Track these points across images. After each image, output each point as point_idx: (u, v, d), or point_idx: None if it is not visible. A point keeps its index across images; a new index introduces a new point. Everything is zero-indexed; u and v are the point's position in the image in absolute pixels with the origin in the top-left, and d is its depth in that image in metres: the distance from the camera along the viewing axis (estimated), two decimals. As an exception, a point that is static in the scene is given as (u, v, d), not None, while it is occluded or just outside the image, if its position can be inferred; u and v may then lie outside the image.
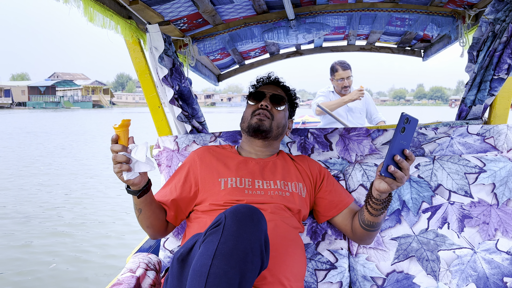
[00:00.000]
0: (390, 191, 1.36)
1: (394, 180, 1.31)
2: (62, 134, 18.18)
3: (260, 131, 1.73)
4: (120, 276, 1.47)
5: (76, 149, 13.02)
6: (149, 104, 2.14)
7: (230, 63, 3.25)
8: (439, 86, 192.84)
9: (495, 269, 1.68)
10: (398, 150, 1.27)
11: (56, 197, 6.58)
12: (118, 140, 1.34)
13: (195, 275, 1.10)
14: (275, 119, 1.76)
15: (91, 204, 6.20)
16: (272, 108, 1.77)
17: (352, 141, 2.02)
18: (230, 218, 1.16)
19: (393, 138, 1.27)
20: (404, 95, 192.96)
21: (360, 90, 3.83)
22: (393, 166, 1.28)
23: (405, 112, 1.27)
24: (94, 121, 30.86)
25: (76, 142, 15.12)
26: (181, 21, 2.13)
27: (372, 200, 1.44)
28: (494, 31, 1.88)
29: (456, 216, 1.75)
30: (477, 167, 1.80)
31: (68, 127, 22.82)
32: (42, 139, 15.77)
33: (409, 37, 2.86)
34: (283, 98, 1.81)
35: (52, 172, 8.78)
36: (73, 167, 9.45)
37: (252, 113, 1.77)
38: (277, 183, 1.66)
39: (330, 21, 2.41)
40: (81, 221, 5.34)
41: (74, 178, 8.17)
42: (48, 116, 36.25)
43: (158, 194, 1.71)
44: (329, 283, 1.73)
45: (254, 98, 1.80)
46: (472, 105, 2.04)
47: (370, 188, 1.45)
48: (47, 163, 10.07)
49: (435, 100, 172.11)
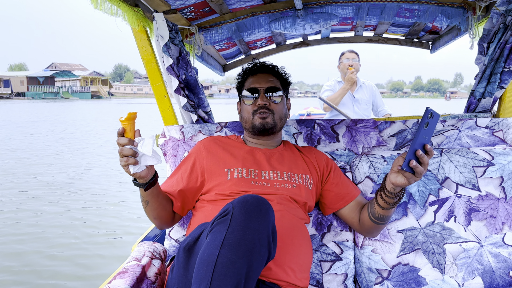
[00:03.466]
0: (407, 185, 1.36)
1: (413, 174, 1.31)
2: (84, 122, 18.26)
3: (265, 130, 1.70)
4: (126, 264, 1.47)
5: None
6: (155, 93, 2.13)
7: (236, 53, 3.23)
8: (437, 79, 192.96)
9: (501, 263, 1.67)
10: (420, 145, 1.27)
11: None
12: (124, 133, 1.33)
13: (202, 264, 1.10)
14: (276, 113, 1.71)
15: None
16: (270, 104, 1.71)
17: (359, 132, 2.01)
18: (238, 208, 1.15)
19: (416, 132, 1.26)
20: (402, 87, 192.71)
21: (349, 69, 3.94)
22: (415, 161, 1.27)
23: (429, 107, 1.26)
24: (99, 111, 30.95)
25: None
26: (188, 9, 2.11)
27: (385, 193, 1.44)
28: (506, 22, 1.85)
29: (463, 210, 1.74)
30: (485, 160, 1.78)
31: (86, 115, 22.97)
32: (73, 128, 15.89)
33: (417, 28, 2.82)
34: (278, 88, 1.73)
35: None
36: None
37: (253, 113, 1.71)
38: (283, 175, 1.65)
39: (338, 12, 2.38)
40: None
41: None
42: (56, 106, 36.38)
43: (164, 184, 1.70)
44: (334, 275, 1.72)
45: (248, 97, 1.73)
46: (482, 97, 2.02)
47: (384, 182, 1.45)
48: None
49: (433, 92, 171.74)
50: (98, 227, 4.73)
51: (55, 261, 3.82)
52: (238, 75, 1.82)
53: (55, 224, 4.81)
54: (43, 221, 4.88)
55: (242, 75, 1.81)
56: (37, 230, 4.58)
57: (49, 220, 4.92)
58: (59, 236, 4.44)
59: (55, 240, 4.33)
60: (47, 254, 3.97)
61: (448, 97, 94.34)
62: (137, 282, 1.37)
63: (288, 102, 1.83)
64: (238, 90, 1.82)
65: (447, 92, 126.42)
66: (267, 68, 1.78)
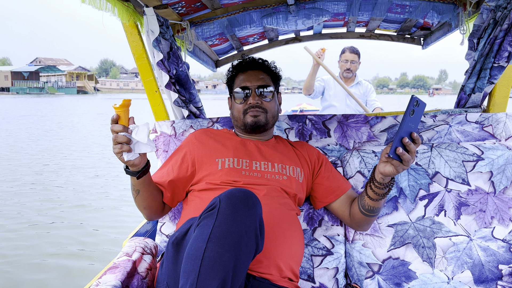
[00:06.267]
0: (395, 174, 1.37)
1: (400, 162, 1.32)
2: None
3: (258, 127, 1.70)
4: (116, 260, 1.46)
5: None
6: (146, 88, 2.12)
7: (228, 49, 3.22)
8: (422, 75, 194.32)
9: (490, 256, 1.69)
10: (406, 132, 1.28)
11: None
12: (118, 120, 1.32)
13: (189, 259, 1.10)
14: (268, 111, 1.71)
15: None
16: (262, 102, 1.69)
17: (350, 127, 2.01)
18: (225, 202, 1.15)
19: (402, 120, 1.27)
20: (387, 83, 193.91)
21: (322, 50, 4.04)
22: (401, 148, 1.28)
23: (415, 95, 1.27)
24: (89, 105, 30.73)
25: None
26: (179, 4, 2.10)
27: (374, 184, 1.45)
28: (495, 18, 1.86)
29: (453, 204, 1.75)
30: (475, 155, 1.79)
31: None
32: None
33: (409, 24, 2.83)
34: (269, 84, 1.71)
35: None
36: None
37: (244, 112, 1.70)
38: (275, 166, 1.65)
39: (330, 7, 2.38)
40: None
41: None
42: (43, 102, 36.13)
43: (155, 175, 1.70)
44: (325, 269, 1.73)
45: (239, 94, 1.72)
46: (472, 93, 2.03)
47: (373, 173, 1.45)
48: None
49: (418, 89, 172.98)
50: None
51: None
52: (228, 70, 1.81)
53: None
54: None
55: (231, 71, 1.80)
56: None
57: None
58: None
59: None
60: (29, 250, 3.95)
61: (431, 93, 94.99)
62: (127, 277, 1.37)
63: (279, 96, 1.83)
64: (228, 86, 1.81)
65: (431, 89, 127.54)
66: (257, 64, 1.76)
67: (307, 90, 4.18)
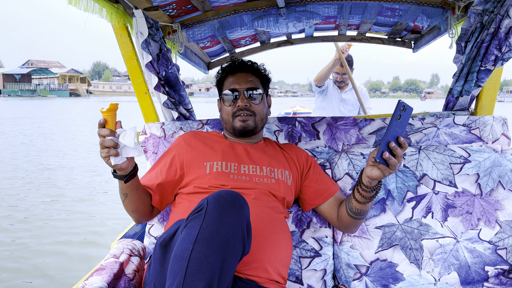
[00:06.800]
0: (382, 178, 1.37)
1: (387, 167, 1.32)
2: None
3: (247, 132, 1.70)
4: (104, 262, 1.46)
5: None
6: (136, 90, 2.12)
7: (220, 51, 3.22)
8: (414, 79, 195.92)
9: (477, 258, 1.70)
10: (393, 137, 1.29)
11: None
12: (105, 124, 1.32)
13: (176, 260, 1.10)
14: (257, 114, 1.71)
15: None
16: (251, 105, 1.69)
17: (339, 130, 2.03)
18: (212, 204, 1.16)
19: (389, 125, 1.27)
20: (380, 87, 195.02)
21: (349, 46, 3.98)
22: (388, 153, 1.29)
23: (401, 100, 1.28)
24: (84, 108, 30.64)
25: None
26: (170, 6, 2.11)
27: (362, 187, 1.45)
28: (482, 22, 1.88)
29: (440, 206, 1.77)
30: (462, 157, 1.81)
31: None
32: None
33: (399, 28, 2.85)
34: (258, 87, 1.72)
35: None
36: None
37: (233, 115, 1.70)
38: (263, 169, 1.66)
39: (320, 10, 2.39)
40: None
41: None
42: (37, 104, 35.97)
43: (143, 178, 1.70)
44: (313, 271, 1.74)
45: (228, 97, 1.72)
46: (459, 96, 2.05)
47: (360, 176, 1.46)
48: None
49: (410, 92, 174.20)
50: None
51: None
52: (218, 73, 1.82)
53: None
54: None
55: (221, 73, 1.80)
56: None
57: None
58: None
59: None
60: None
61: (423, 97, 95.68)
62: (114, 279, 1.37)
63: (268, 99, 1.84)
64: (217, 88, 1.82)
65: (423, 93, 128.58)
66: (246, 66, 1.76)
67: (319, 81, 4.12)
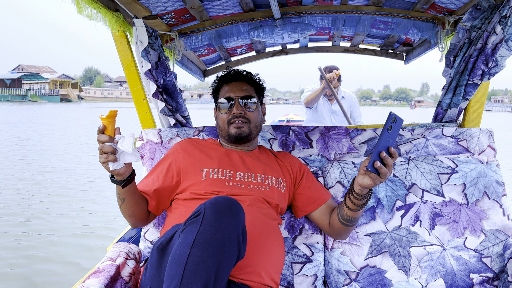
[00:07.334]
0: (373, 186, 1.44)
1: (378, 175, 1.39)
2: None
3: (241, 138, 1.75)
4: (100, 264, 1.49)
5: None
6: (134, 97, 2.17)
7: (216, 59, 3.28)
8: (404, 88, 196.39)
9: (462, 265, 1.76)
10: (384, 147, 1.36)
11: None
12: (104, 130, 1.37)
13: (174, 263, 1.14)
14: (252, 121, 1.76)
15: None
16: (245, 112, 1.75)
17: (332, 139, 2.08)
18: (209, 209, 1.20)
19: (380, 135, 1.34)
20: (370, 95, 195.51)
21: (336, 75, 4.00)
22: (379, 162, 1.35)
23: (393, 111, 1.35)
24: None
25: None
26: (169, 15, 2.16)
27: (353, 195, 1.51)
28: (470, 38, 1.95)
29: (428, 214, 1.82)
30: (449, 168, 1.87)
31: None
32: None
33: (392, 40, 2.93)
34: (252, 96, 1.78)
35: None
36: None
37: (228, 122, 1.75)
38: (257, 177, 1.70)
39: (315, 22, 2.46)
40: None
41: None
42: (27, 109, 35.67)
43: (140, 184, 1.74)
44: (304, 276, 1.78)
45: (224, 105, 1.77)
46: (448, 108, 2.12)
47: (352, 184, 1.52)
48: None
49: (400, 101, 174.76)
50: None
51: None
52: (214, 82, 1.87)
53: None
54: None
55: (217, 83, 1.85)
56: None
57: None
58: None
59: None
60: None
61: (412, 105, 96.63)
62: (111, 282, 1.40)
63: (263, 107, 1.89)
64: (213, 97, 1.87)
65: (412, 101, 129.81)
66: (241, 76, 1.82)
67: (309, 104, 4.18)
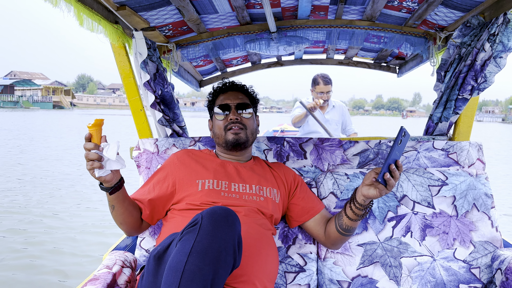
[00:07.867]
0: (378, 197, 1.49)
1: (385, 187, 1.44)
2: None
3: (239, 145, 1.79)
4: (97, 272, 1.51)
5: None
6: (131, 107, 2.20)
7: (213, 70, 3.33)
8: (397, 98, 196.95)
9: (452, 276, 1.80)
10: (393, 160, 1.41)
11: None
12: (91, 138, 1.41)
13: (170, 271, 1.17)
14: (248, 128, 1.81)
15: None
16: (241, 119, 1.79)
17: (325, 151, 2.13)
18: (206, 219, 1.23)
19: (391, 148, 1.39)
20: (363, 105, 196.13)
21: (318, 102, 3.99)
22: (389, 174, 1.40)
23: (403, 126, 1.39)
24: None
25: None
26: (166, 27, 2.20)
27: (355, 205, 1.57)
28: (460, 54, 2.01)
29: (418, 226, 1.87)
30: (440, 180, 1.92)
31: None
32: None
33: (385, 53, 2.99)
34: (248, 104, 1.83)
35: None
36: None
37: (225, 128, 1.79)
38: (252, 188, 1.74)
39: (310, 35, 2.52)
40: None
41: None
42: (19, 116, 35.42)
43: (136, 193, 1.77)
44: (297, 285, 1.81)
45: (220, 112, 1.81)
46: (439, 122, 2.17)
47: (354, 194, 1.58)
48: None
49: (392, 111, 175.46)
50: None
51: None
52: (209, 94, 1.92)
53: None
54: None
55: (213, 93, 1.90)
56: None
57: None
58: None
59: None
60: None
61: (404, 115, 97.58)
62: (107, 289, 1.42)
63: (257, 118, 1.94)
64: (209, 108, 1.91)
65: (404, 111, 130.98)
66: (237, 86, 1.88)
67: (296, 125, 4.23)
